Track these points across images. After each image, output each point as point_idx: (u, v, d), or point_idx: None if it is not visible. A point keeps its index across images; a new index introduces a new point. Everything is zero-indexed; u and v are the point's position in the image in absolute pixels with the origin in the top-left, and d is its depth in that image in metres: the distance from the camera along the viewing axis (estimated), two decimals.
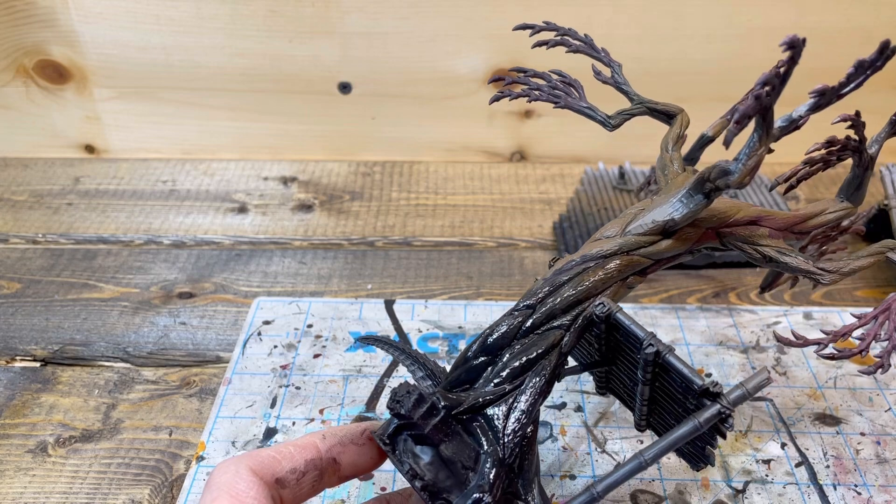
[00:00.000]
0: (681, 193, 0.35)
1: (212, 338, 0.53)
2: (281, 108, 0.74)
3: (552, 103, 0.44)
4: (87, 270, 0.60)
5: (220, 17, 0.69)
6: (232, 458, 0.30)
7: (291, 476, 0.30)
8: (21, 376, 0.50)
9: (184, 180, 0.73)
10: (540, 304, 0.33)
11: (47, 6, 0.68)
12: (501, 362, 0.32)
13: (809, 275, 0.36)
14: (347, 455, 0.31)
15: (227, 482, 0.28)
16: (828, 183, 0.71)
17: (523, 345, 0.32)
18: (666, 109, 0.44)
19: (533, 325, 0.33)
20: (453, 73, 0.72)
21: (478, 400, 0.31)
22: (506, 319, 0.33)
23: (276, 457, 0.29)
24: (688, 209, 0.34)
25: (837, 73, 0.31)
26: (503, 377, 0.32)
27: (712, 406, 0.30)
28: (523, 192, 0.72)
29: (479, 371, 0.32)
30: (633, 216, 0.36)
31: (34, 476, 0.43)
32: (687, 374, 0.30)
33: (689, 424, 0.30)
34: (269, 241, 0.65)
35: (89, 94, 0.73)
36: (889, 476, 0.42)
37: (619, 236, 0.35)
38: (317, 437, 0.31)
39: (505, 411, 0.31)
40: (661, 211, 0.35)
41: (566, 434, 0.45)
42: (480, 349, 0.32)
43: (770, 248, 0.37)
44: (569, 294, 0.33)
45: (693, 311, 0.55)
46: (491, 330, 0.33)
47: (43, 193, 0.71)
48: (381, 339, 0.37)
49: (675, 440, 0.30)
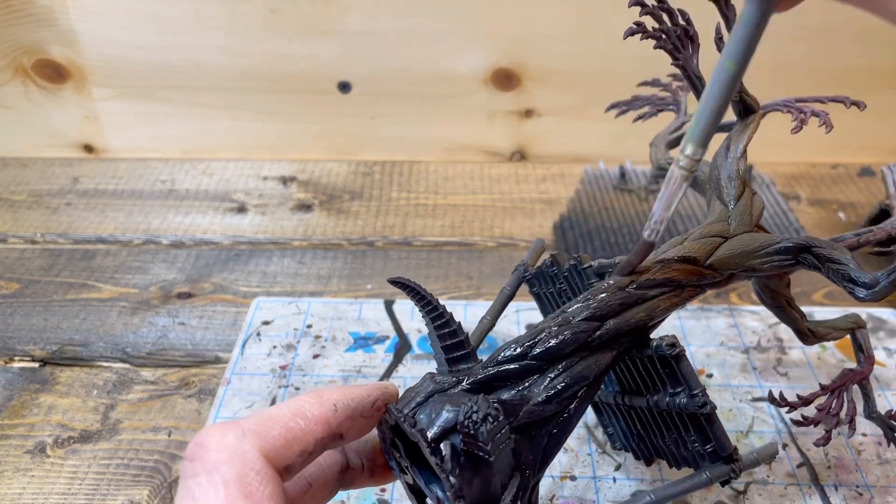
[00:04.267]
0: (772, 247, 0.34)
1: (211, 338, 0.53)
2: (280, 107, 0.74)
3: (672, 57, 0.38)
4: (85, 270, 0.60)
5: (220, 17, 0.69)
6: (231, 427, 0.24)
7: (299, 461, 0.25)
8: (20, 377, 0.50)
9: (183, 180, 0.73)
10: (611, 319, 0.31)
11: (46, 5, 0.68)
12: (557, 375, 0.29)
13: (799, 333, 0.39)
14: (354, 430, 0.28)
15: (237, 472, 0.22)
16: (829, 183, 0.71)
17: (582, 358, 0.30)
18: (751, 102, 0.39)
19: (596, 340, 0.30)
20: (453, 72, 0.72)
21: (532, 417, 0.29)
22: (568, 327, 0.30)
23: (287, 438, 0.25)
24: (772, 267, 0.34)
25: (837, 72, 0.31)
26: (558, 391, 0.29)
27: (725, 467, 0.32)
28: (523, 192, 0.72)
29: (524, 374, 0.30)
30: (715, 245, 0.34)
31: (33, 477, 0.43)
32: (720, 436, 0.32)
33: (700, 478, 0.32)
34: (268, 240, 0.64)
35: (88, 93, 0.73)
36: (890, 477, 0.42)
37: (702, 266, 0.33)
38: (328, 408, 0.26)
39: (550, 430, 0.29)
40: (745, 252, 0.34)
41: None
42: (544, 353, 0.30)
43: (783, 298, 0.38)
44: (641, 317, 0.31)
45: (694, 311, 0.55)
46: (553, 333, 0.30)
47: (41, 193, 0.71)
48: (411, 286, 0.30)
49: (685, 490, 0.32)
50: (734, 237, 0.34)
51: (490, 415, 0.26)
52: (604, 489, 0.41)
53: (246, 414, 0.46)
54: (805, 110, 0.40)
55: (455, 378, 0.29)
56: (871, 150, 0.74)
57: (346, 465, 0.30)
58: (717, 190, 0.37)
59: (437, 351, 0.30)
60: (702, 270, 0.33)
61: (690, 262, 0.33)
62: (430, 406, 0.27)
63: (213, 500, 0.22)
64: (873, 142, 0.74)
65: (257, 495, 0.22)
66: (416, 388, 0.29)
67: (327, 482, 0.29)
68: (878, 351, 0.51)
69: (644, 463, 0.38)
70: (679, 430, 0.34)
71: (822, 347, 0.51)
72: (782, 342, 0.52)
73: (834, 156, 0.75)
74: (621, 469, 0.43)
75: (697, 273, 0.33)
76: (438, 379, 0.29)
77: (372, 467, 0.31)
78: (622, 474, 0.42)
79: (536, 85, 0.72)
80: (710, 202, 0.38)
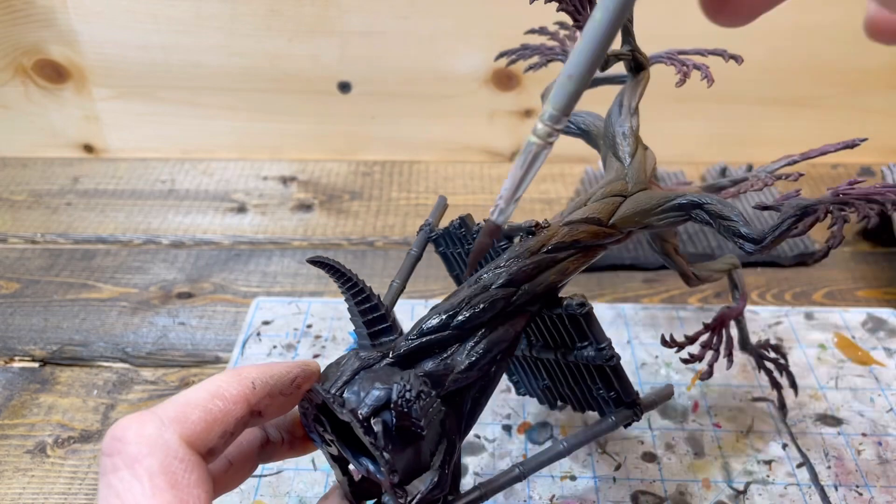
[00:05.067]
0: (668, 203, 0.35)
1: (211, 338, 0.53)
2: (280, 107, 0.74)
3: (573, 18, 0.38)
4: (85, 270, 0.60)
5: (220, 17, 0.69)
6: (148, 416, 0.23)
7: (221, 442, 0.24)
8: (20, 377, 0.50)
9: (183, 180, 0.73)
10: (526, 284, 0.31)
11: (46, 5, 0.68)
12: (476, 342, 0.30)
13: (685, 277, 0.41)
14: (273, 408, 0.27)
15: (161, 463, 0.21)
16: (829, 183, 0.71)
17: (500, 324, 0.31)
18: (642, 59, 0.40)
19: (513, 305, 0.31)
20: (453, 72, 0.72)
21: (457, 385, 0.29)
22: (487, 295, 0.31)
23: (207, 421, 0.24)
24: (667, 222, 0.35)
25: (837, 72, 0.31)
26: (478, 357, 0.30)
27: (628, 411, 0.34)
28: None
29: (447, 343, 0.30)
30: (616, 204, 0.35)
31: (33, 477, 0.43)
32: (626, 384, 0.34)
33: (607, 422, 0.34)
34: (268, 240, 0.64)
35: (88, 93, 0.73)
36: (891, 477, 0.42)
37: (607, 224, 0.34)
38: (246, 386, 0.26)
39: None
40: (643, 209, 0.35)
41: (566, 434, 0.45)
42: (465, 322, 0.30)
43: (670, 247, 0.40)
44: (553, 279, 0.32)
45: (694, 311, 0.55)
46: (473, 302, 0.30)
47: (42, 193, 0.71)
48: (330, 263, 0.30)
49: (594, 434, 0.34)
50: (632, 195, 0.35)
51: (423, 391, 0.27)
52: (604, 489, 0.42)
53: None
54: (688, 63, 0.41)
55: (379, 353, 0.29)
56: (872, 150, 0.74)
57: (265, 440, 0.30)
58: (613, 147, 0.38)
59: (359, 325, 0.30)
60: (605, 230, 0.34)
61: (595, 224, 0.34)
62: (357, 384, 0.28)
63: (138, 494, 0.21)
64: (873, 142, 0.74)
65: (183, 483, 0.22)
66: (340, 366, 0.29)
67: (247, 458, 0.29)
68: (877, 351, 0.51)
69: (548, 406, 0.41)
70: (585, 379, 0.36)
71: (822, 347, 0.51)
72: (782, 342, 0.52)
73: (834, 156, 0.75)
74: (621, 469, 0.43)
75: (602, 233, 0.34)
76: (363, 355, 0.29)
77: (291, 440, 0.31)
78: (622, 474, 0.42)
79: (536, 85, 0.72)
80: (605, 158, 0.39)
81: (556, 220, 0.34)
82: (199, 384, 0.26)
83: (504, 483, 0.32)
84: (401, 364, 0.29)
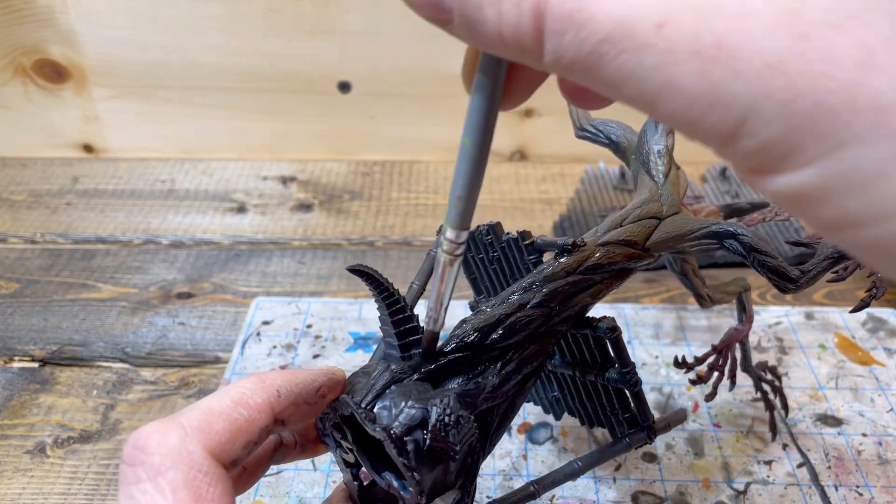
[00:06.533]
0: (702, 231, 0.35)
1: (210, 338, 0.53)
2: (280, 107, 0.74)
3: None
4: (85, 270, 0.60)
5: (219, 17, 0.69)
6: (171, 426, 0.22)
7: (244, 452, 0.23)
8: (19, 377, 0.50)
9: (182, 180, 0.73)
10: (560, 305, 0.31)
11: (46, 5, 0.68)
12: (508, 360, 0.30)
13: (699, 298, 0.41)
14: (296, 417, 0.26)
15: (185, 476, 0.21)
16: None
17: (531, 343, 0.30)
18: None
19: (546, 325, 0.31)
20: (453, 72, 0.72)
21: (488, 404, 0.29)
22: (518, 311, 0.30)
23: (231, 431, 0.23)
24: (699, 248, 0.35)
25: None
26: (508, 376, 0.29)
27: (642, 433, 0.34)
28: (523, 192, 0.72)
29: (476, 361, 0.30)
30: (652, 227, 0.34)
31: (32, 477, 0.43)
32: (645, 409, 0.34)
33: (621, 444, 0.34)
34: (268, 240, 0.64)
35: (88, 93, 0.73)
36: (891, 477, 0.42)
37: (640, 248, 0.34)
38: (271, 395, 0.25)
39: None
40: (679, 234, 0.35)
41: (567, 435, 0.45)
42: (499, 340, 0.30)
43: (689, 267, 0.40)
44: (586, 301, 0.32)
45: (694, 312, 0.55)
46: (508, 322, 0.30)
47: (41, 193, 0.71)
48: (367, 271, 0.30)
49: (609, 455, 0.34)
50: (667, 219, 0.35)
51: (461, 416, 0.26)
52: (604, 489, 0.41)
53: None
54: None
55: (409, 366, 0.29)
56: None
57: (279, 443, 0.29)
58: (646, 164, 0.37)
59: (389, 335, 0.30)
60: (640, 253, 0.33)
61: (630, 246, 0.33)
62: (388, 398, 0.27)
63: (154, 494, 0.21)
64: None
65: (208, 497, 0.21)
66: (371, 377, 0.28)
67: (261, 462, 0.29)
68: (878, 351, 0.51)
69: (553, 417, 0.40)
70: (600, 398, 0.36)
71: (823, 347, 0.51)
72: (782, 342, 0.52)
73: None
74: (621, 469, 0.43)
75: (636, 256, 0.33)
76: (394, 368, 0.28)
77: (304, 442, 0.30)
78: (622, 474, 0.42)
79: None
80: (636, 175, 0.38)
81: (590, 238, 0.34)
82: (223, 390, 0.25)
83: (518, 501, 0.32)
84: (431, 380, 0.29)
